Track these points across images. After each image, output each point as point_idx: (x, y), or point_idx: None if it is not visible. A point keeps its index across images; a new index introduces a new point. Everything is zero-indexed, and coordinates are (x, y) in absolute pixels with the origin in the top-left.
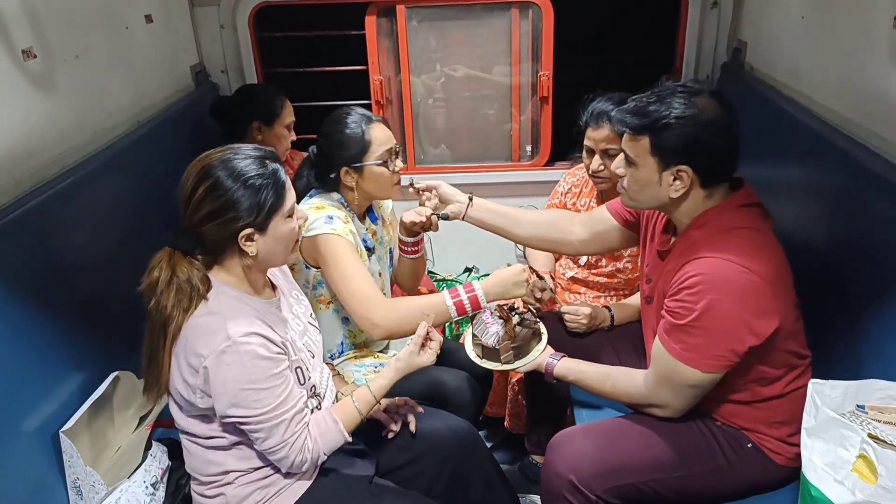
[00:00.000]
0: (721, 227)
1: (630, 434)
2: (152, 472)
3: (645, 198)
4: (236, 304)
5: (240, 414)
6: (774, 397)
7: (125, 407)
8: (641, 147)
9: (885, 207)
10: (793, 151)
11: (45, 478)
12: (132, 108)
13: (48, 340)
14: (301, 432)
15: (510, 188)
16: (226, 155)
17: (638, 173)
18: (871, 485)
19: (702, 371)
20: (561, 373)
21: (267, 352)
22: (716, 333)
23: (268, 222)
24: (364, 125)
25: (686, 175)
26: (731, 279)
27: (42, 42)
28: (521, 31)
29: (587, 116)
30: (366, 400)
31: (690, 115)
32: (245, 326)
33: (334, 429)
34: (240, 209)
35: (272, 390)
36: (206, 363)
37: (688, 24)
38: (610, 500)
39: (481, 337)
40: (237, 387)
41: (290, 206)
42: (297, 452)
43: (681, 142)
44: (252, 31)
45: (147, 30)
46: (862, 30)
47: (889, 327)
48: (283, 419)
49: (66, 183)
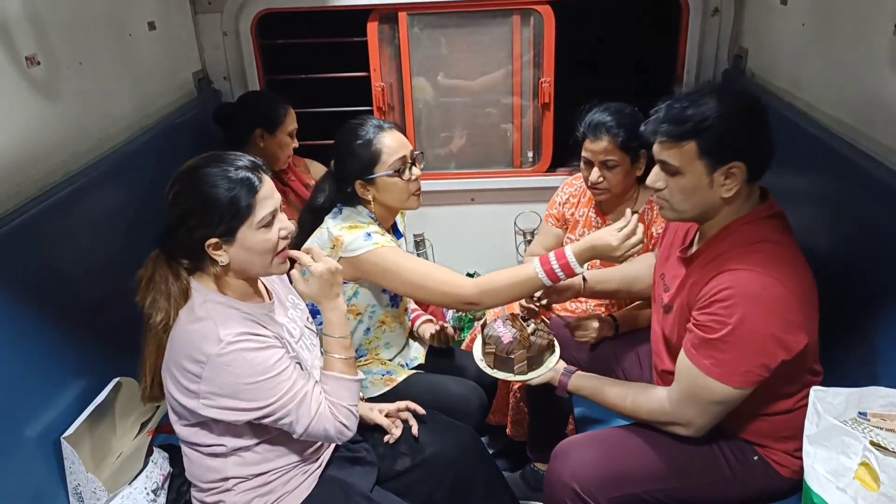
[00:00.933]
0: (749, 239)
1: (634, 443)
2: (153, 478)
3: (691, 205)
4: (224, 309)
5: (264, 405)
6: (785, 412)
7: (126, 413)
8: (686, 154)
9: (887, 214)
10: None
11: (46, 484)
12: (135, 115)
13: (50, 347)
14: (323, 402)
15: (511, 194)
16: (199, 162)
17: (685, 181)
18: (873, 492)
19: (731, 387)
20: (575, 388)
21: (263, 344)
22: (748, 348)
23: (234, 232)
24: (374, 134)
25: (739, 171)
26: (764, 292)
27: (45, 49)
28: (522, 37)
29: (584, 128)
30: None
31: (731, 112)
32: (235, 328)
33: (335, 382)
34: (203, 216)
35: (282, 374)
36: (206, 370)
37: (689, 31)
38: None
39: (494, 345)
40: (249, 382)
41: (264, 217)
42: (332, 421)
43: (729, 138)
44: (255, 38)
45: (150, 37)
46: (862, 37)
47: (890, 334)
48: (304, 393)
49: (68, 190)
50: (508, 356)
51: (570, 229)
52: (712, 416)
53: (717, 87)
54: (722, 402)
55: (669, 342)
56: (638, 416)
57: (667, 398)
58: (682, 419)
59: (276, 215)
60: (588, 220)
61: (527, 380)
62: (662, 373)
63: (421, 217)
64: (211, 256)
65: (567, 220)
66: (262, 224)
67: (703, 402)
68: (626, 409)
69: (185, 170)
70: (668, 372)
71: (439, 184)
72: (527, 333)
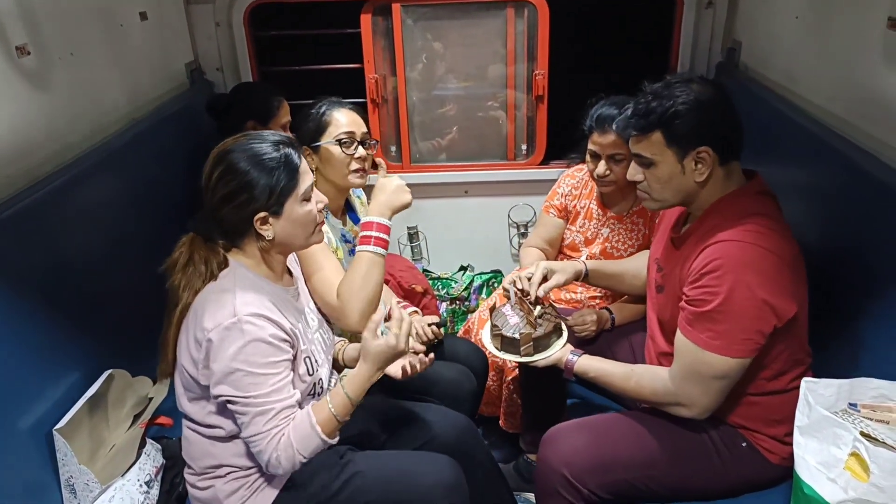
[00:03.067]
0: (738, 212)
1: (623, 430)
2: (146, 470)
3: (670, 194)
4: (250, 284)
5: (230, 393)
6: (777, 392)
7: (119, 405)
8: (655, 144)
9: (879, 208)
10: (786, 151)
11: (38, 476)
12: (127, 106)
13: (42, 339)
14: (283, 428)
15: (505, 187)
16: (240, 140)
17: (658, 171)
18: (864, 483)
19: (731, 357)
20: (581, 369)
21: (271, 337)
22: (742, 316)
23: (282, 205)
24: (328, 107)
25: (707, 155)
26: (752, 260)
27: (36, 39)
28: (516, 30)
29: (591, 122)
30: (341, 403)
31: (694, 99)
32: (254, 307)
33: (311, 433)
34: (252, 191)
35: (268, 377)
36: (211, 336)
37: (682, 24)
38: (603, 496)
39: (501, 328)
40: (234, 365)
41: (306, 190)
42: (273, 448)
43: (693, 124)
44: (247, 29)
45: (142, 27)
46: (856, 30)
47: (881, 326)
48: (270, 408)
49: (60, 181)
50: (515, 338)
51: (571, 221)
52: (715, 395)
53: (681, 78)
54: (724, 375)
55: (663, 322)
56: (642, 396)
57: (669, 378)
58: (686, 399)
59: (314, 189)
60: (589, 211)
61: (532, 361)
62: (658, 355)
63: (414, 209)
64: (258, 232)
65: (569, 211)
66: (304, 197)
67: (705, 378)
68: (631, 390)
69: (224, 150)
70: (664, 354)
71: (433, 176)
72: (534, 316)
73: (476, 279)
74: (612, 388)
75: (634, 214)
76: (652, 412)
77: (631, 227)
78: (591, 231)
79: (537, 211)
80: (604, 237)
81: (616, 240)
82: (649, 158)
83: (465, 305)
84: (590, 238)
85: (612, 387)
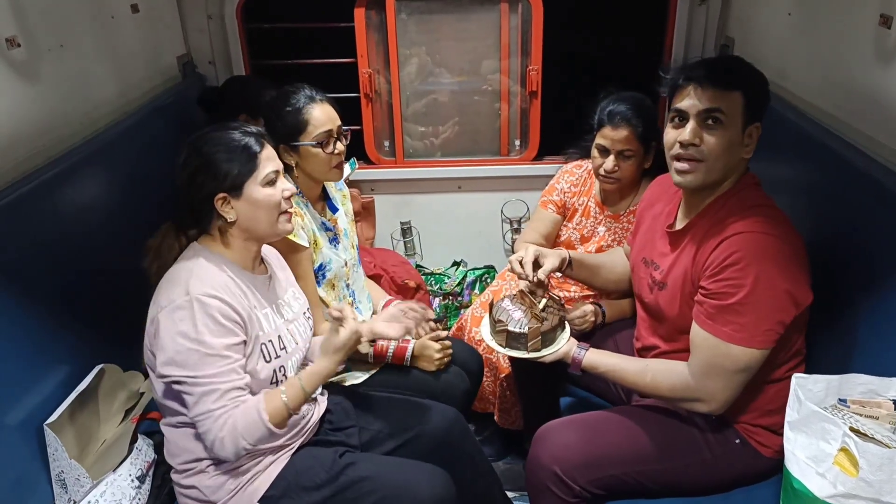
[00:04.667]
0: (745, 204)
1: (614, 425)
2: (138, 465)
3: (723, 164)
4: (210, 265)
5: (177, 373)
6: (775, 381)
7: (110, 400)
8: (734, 103)
9: (869, 204)
10: (777, 148)
11: (29, 471)
12: (118, 99)
13: (32, 333)
14: (230, 409)
15: (498, 182)
16: (207, 129)
17: (725, 133)
18: (852, 477)
19: (755, 349)
20: (590, 364)
21: (222, 317)
22: (766, 307)
23: (240, 187)
24: (304, 103)
25: (757, 132)
26: (773, 251)
27: (26, 31)
28: (510, 25)
29: (602, 115)
30: (295, 394)
31: (758, 75)
32: (209, 287)
33: (257, 419)
34: (211, 171)
35: (216, 358)
36: (161, 314)
37: (676, 20)
38: (594, 491)
39: (507, 322)
40: (183, 345)
41: (267, 175)
42: (218, 429)
43: (762, 98)
44: (240, 22)
45: (133, 19)
46: (848, 27)
47: (871, 322)
48: (217, 388)
49: (50, 174)
50: (523, 332)
51: (568, 217)
52: (735, 388)
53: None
54: (745, 368)
55: (668, 319)
56: (659, 392)
57: (689, 372)
58: (705, 394)
59: (280, 178)
60: (587, 209)
61: (541, 357)
62: (641, 349)
63: (407, 205)
64: (219, 212)
65: (567, 207)
66: (266, 181)
67: (726, 371)
68: (646, 386)
69: (194, 137)
70: (646, 348)
71: (426, 171)
72: (538, 309)
73: (469, 275)
74: (624, 383)
75: (631, 214)
76: (643, 408)
77: (627, 227)
78: (588, 229)
79: (531, 207)
80: (600, 235)
81: (612, 239)
82: (723, 116)
83: (458, 301)
84: (586, 236)
85: (624, 381)
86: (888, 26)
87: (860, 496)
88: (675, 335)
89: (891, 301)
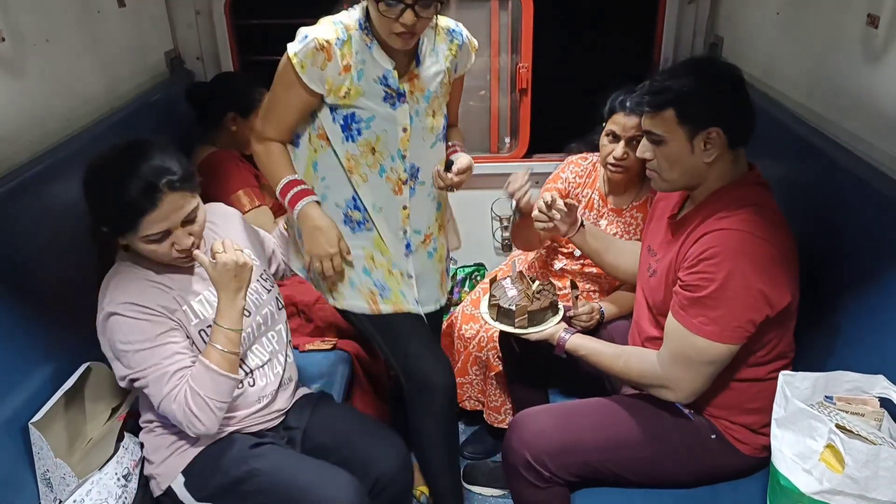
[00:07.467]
0: (737, 202)
1: (589, 413)
2: (124, 463)
3: (678, 174)
4: (125, 277)
5: (130, 373)
6: (754, 380)
7: (97, 398)
8: (667, 121)
9: (856, 203)
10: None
11: (14, 470)
12: (105, 95)
13: (18, 330)
14: (181, 385)
15: (489, 180)
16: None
17: (668, 149)
18: (838, 474)
19: (721, 343)
20: (573, 347)
21: (143, 316)
22: (736, 303)
23: (118, 235)
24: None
25: (717, 135)
26: (750, 249)
27: (11, 25)
28: (500, 22)
29: (614, 103)
30: (220, 335)
31: (706, 80)
32: (121, 297)
33: (212, 373)
34: (91, 209)
35: (153, 349)
36: (98, 325)
37: (665, 19)
38: (566, 477)
39: (499, 298)
40: (121, 348)
41: (150, 235)
42: (180, 405)
43: (705, 104)
44: (228, 18)
45: (120, 14)
46: (836, 26)
47: (857, 320)
48: (164, 372)
49: (35, 171)
50: (510, 309)
51: None
52: (702, 380)
53: (695, 60)
54: (712, 361)
55: (653, 306)
56: (629, 376)
57: (657, 360)
58: (672, 382)
59: (173, 233)
60: (591, 201)
61: (526, 333)
62: (644, 341)
63: None
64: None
65: (570, 197)
66: (149, 240)
67: (693, 362)
68: (619, 370)
69: (98, 158)
70: (650, 339)
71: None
72: (532, 291)
73: (459, 272)
74: (600, 367)
75: (634, 209)
76: (623, 398)
77: (629, 222)
78: (590, 221)
79: None
80: (601, 228)
81: (613, 233)
82: (660, 136)
83: (481, 273)
84: None
85: (600, 365)
86: (875, 26)
87: (846, 492)
88: (662, 322)
89: (877, 299)
